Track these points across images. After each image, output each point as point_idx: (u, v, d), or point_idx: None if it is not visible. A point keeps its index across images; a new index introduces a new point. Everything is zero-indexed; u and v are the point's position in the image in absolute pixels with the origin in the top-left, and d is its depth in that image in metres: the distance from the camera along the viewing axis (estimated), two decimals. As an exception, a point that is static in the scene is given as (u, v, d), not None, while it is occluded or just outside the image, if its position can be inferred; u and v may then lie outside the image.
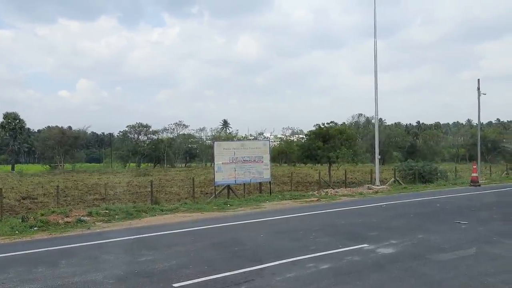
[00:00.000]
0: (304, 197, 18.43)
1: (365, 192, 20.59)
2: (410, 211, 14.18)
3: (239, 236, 10.31)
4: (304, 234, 10.26)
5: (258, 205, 16.19)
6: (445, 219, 12.33)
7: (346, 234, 10.13)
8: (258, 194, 20.25)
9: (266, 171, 20.39)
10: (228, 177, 19.25)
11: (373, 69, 23.96)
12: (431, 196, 18.72)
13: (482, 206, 15.66)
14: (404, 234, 10.09)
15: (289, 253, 8.21)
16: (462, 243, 9.09)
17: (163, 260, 7.82)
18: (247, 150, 19.93)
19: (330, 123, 32.12)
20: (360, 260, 7.72)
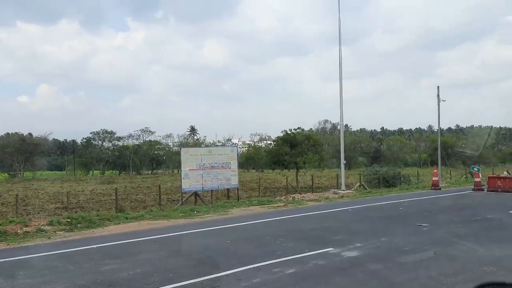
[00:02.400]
0: (272, 203, 18.51)
1: (331, 197, 20.89)
2: (374, 215, 14.49)
3: (206, 242, 10.24)
4: (271, 239, 10.29)
5: (225, 211, 16.12)
6: (408, 222, 12.67)
7: (312, 239, 10.24)
8: (226, 200, 20.18)
9: (234, 177, 20.38)
10: (195, 184, 19.10)
11: (338, 76, 24.44)
12: (394, 200, 19.19)
13: (442, 209, 16.20)
14: (368, 237, 10.28)
15: (256, 258, 8.20)
16: (423, 245, 9.34)
17: (127, 269, 7.65)
18: (215, 157, 19.86)
19: (297, 129, 32.51)
20: (325, 264, 7.81)
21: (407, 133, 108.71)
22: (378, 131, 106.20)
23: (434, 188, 24.15)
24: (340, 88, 24.41)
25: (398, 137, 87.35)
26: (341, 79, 24.36)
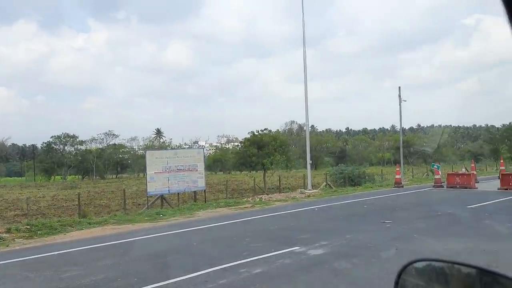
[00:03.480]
0: (239, 204, 18.50)
1: (298, 197, 21.09)
2: (340, 213, 14.75)
3: (171, 245, 10.11)
4: (238, 240, 10.29)
5: (192, 214, 15.99)
6: (372, 219, 12.96)
7: (279, 238, 10.30)
8: (193, 203, 19.97)
9: (201, 179, 20.22)
10: (161, 187, 18.82)
11: (304, 78, 24.74)
12: (359, 198, 19.58)
13: (404, 205, 16.67)
14: (333, 235, 10.45)
15: (222, 259, 8.17)
16: (386, 241, 9.58)
17: (89, 275, 7.44)
18: (181, 159, 19.64)
19: (264, 130, 32.60)
20: (291, 263, 7.88)
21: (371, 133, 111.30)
22: (343, 131, 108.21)
23: (397, 186, 24.82)
24: (305, 89, 24.73)
25: (362, 137, 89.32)
26: (306, 80, 24.68)
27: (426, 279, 1.20)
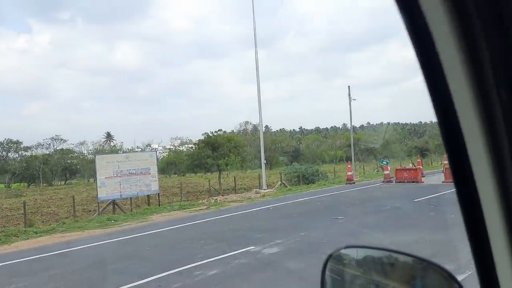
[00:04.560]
0: (194, 206, 18.31)
1: (253, 197, 21.18)
2: (294, 211, 14.95)
3: (123, 251, 9.84)
4: (192, 242, 10.17)
5: (145, 218, 15.64)
6: (325, 216, 13.23)
7: (234, 239, 10.29)
8: (146, 207, 19.55)
9: (154, 183, 19.86)
10: (112, 192, 18.31)
11: (256, 78, 24.88)
12: (313, 195, 19.94)
13: (356, 201, 17.15)
14: (288, 233, 10.57)
15: (176, 263, 8.05)
16: (339, 237, 9.82)
17: (34, 285, 7.10)
18: (133, 163, 19.20)
19: (218, 131, 32.57)
20: (247, 262, 7.89)
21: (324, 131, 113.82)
22: (297, 131, 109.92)
23: (349, 182, 25.51)
24: (258, 90, 24.88)
25: (315, 136, 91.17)
26: (258, 81, 24.84)
27: (353, 265, 1.24)
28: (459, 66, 0.56)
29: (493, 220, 0.69)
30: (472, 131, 0.61)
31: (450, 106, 0.61)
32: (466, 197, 0.71)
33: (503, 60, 0.55)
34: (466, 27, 0.53)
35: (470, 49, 0.55)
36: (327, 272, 1.27)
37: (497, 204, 0.67)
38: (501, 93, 0.56)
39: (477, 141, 0.62)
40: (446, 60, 0.57)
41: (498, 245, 0.71)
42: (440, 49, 0.56)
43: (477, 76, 0.57)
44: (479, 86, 0.57)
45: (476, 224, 0.71)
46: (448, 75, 0.58)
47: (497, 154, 0.62)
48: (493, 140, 0.61)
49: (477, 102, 0.58)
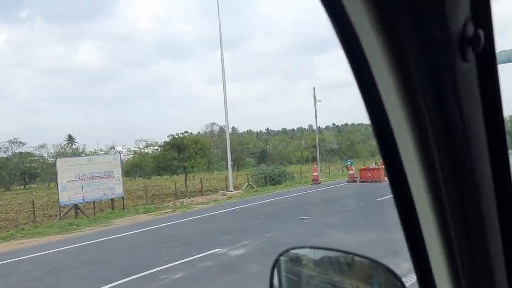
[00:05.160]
0: (159, 209, 18.07)
1: (220, 199, 21.12)
2: (261, 212, 15.00)
3: (86, 257, 9.58)
4: (157, 246, 10.03)
5: (109, 222, 15.30)
6: (291, 217, 13.35)
7: (200, 241, 10.23)
8: (110, 211, 19.12)
9: (118, 186, 19.46)
10: (75, 196, 17.81)
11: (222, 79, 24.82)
12: (279, 196, 20.08)
13: (321, 201, 17.42)
14: (254, 234, 10.60)
15: (141, 267, 7.93)
16: (304, 237, 9.94)
17: (-9, 297, 6.82)
18: (96, 166, 18.75)
19: (184, 133, 32.19)
20: (213, 265, 7.87)
21: (291, 132, 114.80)
22: (264, 132, 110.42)
23: (314, 182, 25.84)
24: (224, 91, 24.85)
25: (282, 137, 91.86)
26: (224, 82, 24.81)
27: (301, 265, 1.27)
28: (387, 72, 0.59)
29: (427, 221, 0.72)
30: (401, 132, 0.64)
31: (380, 108, 0.63)
32: (401, 199, 0.73)
33: (425, 64, 0.58)
34: (391, 35, 0.56)
35: (397, 56, 0.57)
36: (283, 273, 1.29)
37: (430, 206, 0.70)
38: (425, 95, 0.59)
39: (408, 143, 0.64)
40: (374, 66, 0.59)
41: (433, 247, 0.74)
42: (369, 57, 0.59)
43: (404, 80, 0.59)
44: (406, 90, 0.60)
45: (412, 225, 0.74)
46: (378, 81, 0.61)
47: (427, 154, 0.65)
48: (422, 141, 0.64)
49: (405, 105, 0.61)
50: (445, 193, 0.68)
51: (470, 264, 0.77)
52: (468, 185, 0.68)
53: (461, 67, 0.59)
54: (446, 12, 0.54)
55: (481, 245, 0.75)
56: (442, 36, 0.55)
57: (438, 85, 0.59)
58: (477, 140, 0.67)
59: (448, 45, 0.56)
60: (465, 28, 0.56)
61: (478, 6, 0.58)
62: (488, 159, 0.70)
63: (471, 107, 0.64)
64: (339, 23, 0.58)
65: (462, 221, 0.72)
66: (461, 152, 0.65)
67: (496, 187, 0.72)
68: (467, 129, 0.64)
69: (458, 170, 0.67)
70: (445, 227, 0.72)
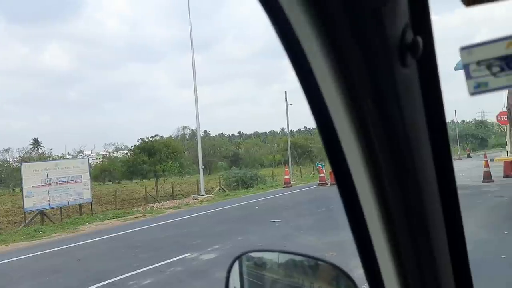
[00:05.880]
0: (129, 214, 17.77)
1: (191, 203, 20.96)
2: (232, 216, 14.99)
3: (51, 264, 9.31)
4: (126, 252, 9.87)
5: (76, 228, 14.93)
6: (262, 220, 13.39)
7: (170, 246, 10.12)
8: (78, 216, 18.68)
9: (86, 191, 19.04)
10: (41, 202, 17.29)
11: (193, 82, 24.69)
12: (251, 200, 20.10)
13: (292, 204, 17.55)
14: (226, 238, 10.57)
15: (110, 274, 7.78)
16: (275, 239, 9.99)
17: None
18: (63, 170, 18.29)
19: (155, 136, 31.85)
20: (183, 270, 7.80)
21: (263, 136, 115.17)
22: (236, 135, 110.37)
23: (286, 185, 26.00)
24: (195, 94, 24.70)
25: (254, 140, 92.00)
26: (195, 85, 24.67)
27: (257, 268, 1.29)
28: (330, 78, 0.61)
29: (373, 224, 0.74)
30: (346, 136, 0.66)
31: (325, 113, 0.65)
32: (348, 202, 0.75)
33: (366, 70, 0.60)
34: (332, 41, 0.58)
35: (339, 62, 0.60)
36: (245, 277, 1.30)
37: (376, 209, 0.72)
38: (368, 99, 0.62)
39: (352, 147, 0.67)
40: (317, 71, 0.61)
41: (381, 249, 0.76)
42: (312, 63, 0.61)
43: (347, 85, 0.61)
44: (349, 95, 0.62)
45: (359, 228, 0.76)
46: (322, 87, 0.63)
47: (371, 158, 0.67)
48: (367, 145, 0.66)
49: (349, 110, 0.63)
50: (390, 196, 0.71)
51: (417, 265, 0.79)
52: (413, 186, 0.71)
53: (401, 73, 0.61)
54: (384, 19, 0.56)
55: (427, 245, 0.77)
56: (380, 43, 0.57)
57: (379, 90, 0.61)
58: (420, 142, 0.69)
59: (387, 51, 0.58)
60: (404, 35, 0.59)
61: (417, 13, 0.60)
62: (432, 161, 0.72)
63: (414, 111, 0.66)
64: (282, 30, 0.59)
65: (408, 223, 0.75)
66: (404, 154, 0.67)
67: (440, 188, 0.75)
68: (410, 131, 0.66)
69: (402, 172, 0.69)
70: (391, 230, 0.74)
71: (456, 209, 0.79)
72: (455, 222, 0.79)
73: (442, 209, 0.77)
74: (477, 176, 19.78)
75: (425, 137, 0.69)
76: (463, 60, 0.58)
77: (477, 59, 0.57)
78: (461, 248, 0.81)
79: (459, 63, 0.96)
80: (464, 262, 0.83)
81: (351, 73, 0.60)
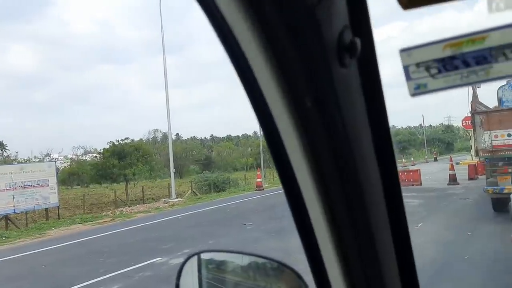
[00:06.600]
0: (97, 219, 17.39)
1: (162, 207, 20.70)
2: (203, 220, 14.89)
3: (15, 271, 9.01)
4: (94, 257, 9.65)
5: (42, 233, 14.50)
6: (234, 223, 13.37)
7: (139, 251, 9.96)
8: (44, 221, 18.14)
9: (53, 195, 18.54)
10: (5, 206, 16.71)
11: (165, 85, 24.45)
12: (223, 203, 20.03)
13: (264, 207, 17.57)
14: (197, 242, 10.49)
15: (76, 279, 7.60)
16: (247, 242, 9.99)
17: None
18: (29, 174, 17.74)
19: (125, 139, 31.25)
20: (152, 275, 7.69)
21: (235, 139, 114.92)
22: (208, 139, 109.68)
23: (258, 189, 26.04)
24: (166, 97, 24.48)
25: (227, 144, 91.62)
26: (166, 88, 24.47)
27: (208, 268, 1.28)
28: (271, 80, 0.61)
29: (319, 224, 0.74)
30: (289, 138, 0.66)
31: (268, 117, 0.65)
32: (294, 206, 0.75)
33: (305, 71, 0.61)
34: (271, 42, 0.58)
35: (279, 64, 0.60)
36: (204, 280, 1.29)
37: (320, 211, 0.73)
38: (308, 100, 0.62)
39: (296, 149, 0.67)
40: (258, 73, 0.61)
41: (326, 249, 0.77)
42: (253, 66, 0.61)
43: (288, 86, 0.62)
44: (290, 96, 0.63)
45: (305, 229, 0.76)
46: (264, 90, 0.63)
47: (314, 159, 0.68)
48: (309, 146, 0.67)
49: (291, 112, 0.64)
50: (334, 198, 0.71)
51: (363, 266, 0.80)
52: (356, 188, 0.71)
53: (340, 73, 0.61)
54: (320, 20, 0.56)
55: (372, 247, 0.78)
56: (317, 43, 0.58)
57: (318, 90, 0.62)
58: (362, 142, 0.70)
59: (324, 51, 0.59)
60: (342, 36, 0.59)
61: (356, 15, 0.61)
62: (375, 161, 0.73)
63: (354, 111, 0.67)
64: (221, 32, 0.59)
65: (352, 225, 0.75)
66: (346, 155, 0.68)
67: (385, 189, 0.76)
68: (350, 131, 0.66)
69: (344, 173, 0.69)
70: (336, 230, 0.75)
71: (401, 210, 0.79)
72: (400, 223, 0.80)
73: (387, 211, 0.78)
74: (443, 179, 20.38)
75: (367, 138, 0.70)
76: (403, 62, 0.59)
77: (416, 61, 0.58)
78: (407, 248, 0.83)
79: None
80: (409, 263, 0.84)
81: (290, 73, 0.61)
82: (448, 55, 0.56)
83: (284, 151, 0.68)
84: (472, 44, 0.54)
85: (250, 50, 0.59)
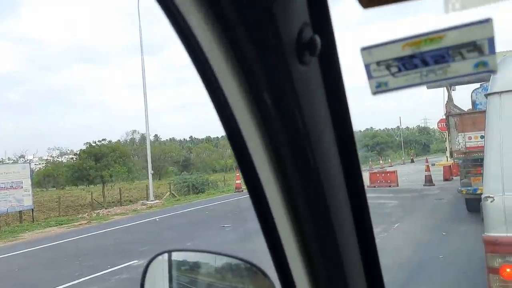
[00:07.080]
0: (73, 221, 17.07)
1: (139, 209, 20.46)
2: (182, 221, 14.78)
3: (-14, 276, 8.76)
4: (69, 260, 9.47)
5: (15, 236, 14.14)
6: (213, 225, 13.30)
7: (116, 254, 9.81)
8: (17, 224, 17.69)
9: (27, 197, 18.12)
10: (-24, 209, 16.26)
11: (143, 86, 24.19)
12: (202, 205, 19.93)
13: (243, 209, 17.50)
14: (174, 244, 10.39)
15: (51, 283, 7.46)
16: (226, 244, 9.96)
17: None
18: (2, 176, 17.34)
19: (102, 140, 30.80)
20: (129, 278, 7.59)
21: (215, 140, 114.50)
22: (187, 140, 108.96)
23: (237, 190, 25.98)
24: (144, 98, 24.23)
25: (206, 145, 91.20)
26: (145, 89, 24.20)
27: (175, 268, 1.28)
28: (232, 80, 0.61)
29: (283, 224, 0.74)
30: (251, 138, 0.66)
31: (230, 117, 0.64)
32: (258, 206, 0.75)
33: (265, 69, 0.61)
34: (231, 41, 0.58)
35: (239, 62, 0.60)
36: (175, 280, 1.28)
37: (284, 211, 0.72)
38: (269, 99, 0.62)
39: (258, 149, 0.66)
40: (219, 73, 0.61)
41: (291, 250, 0.77)
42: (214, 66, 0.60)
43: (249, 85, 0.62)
44: (252, 95, 0.63)
45: (269, 229, 0.76)
46: (225, 89, 0.62)
47: (277, 158, 0.68)
48: (272, 145, 0.66)
49: (253, 111, 0.64)
50: (296, 196, 0.71)
51: (326, 265, 0.80)
52: (319, 187, 0.71)
53: (299, 70, 0.61)
54: (278, 17, 0.56)
55: (336, 246, 0.78)
56: (275, 41, 0.58)
57: (278, 87, 0.62)
58: (324, 139, 0.70)
59: (283, 49, 0.58)
60: (301, 33, 0.59)
61: (315, 12, 0.61)
62: (338, 161, 0.73)
63: (315, 108, 0.67)
64: (182, 32, 0.58)
65: (316, 224, 0.75)
66: (307, 152, 0.67)
67: (348, 188, 0.76)
68: (311, 129, 0.66)
69: (306, 172, 0.69)
70: (299, 230, 0.74)
71: (365, 210, 0.80)
72: (364, 223, 0.80)
73: (351, 211, 0.78)
74: (419, 180, 20.76)
75: (330, 136, 0.70)
76: (364, 60, 0.59)
77: (376, 60, 0.58)
78: (371, 248, 0.83)
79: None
80: (374, 262, 0.84)
81: (250, 72, 0.60)
82: (407, 54, 0.56)
83: (246, 151, 0.67)
84: (430, 43, 0.55)
85: (211, 50, 0.58)
